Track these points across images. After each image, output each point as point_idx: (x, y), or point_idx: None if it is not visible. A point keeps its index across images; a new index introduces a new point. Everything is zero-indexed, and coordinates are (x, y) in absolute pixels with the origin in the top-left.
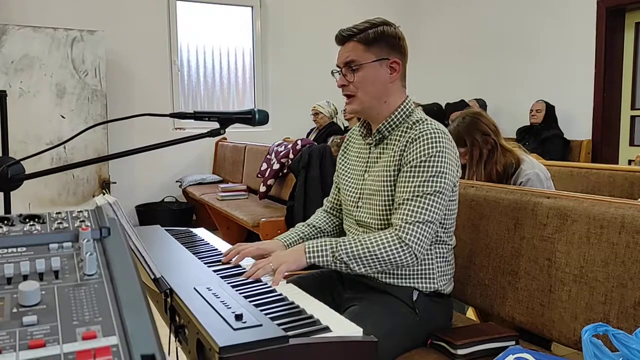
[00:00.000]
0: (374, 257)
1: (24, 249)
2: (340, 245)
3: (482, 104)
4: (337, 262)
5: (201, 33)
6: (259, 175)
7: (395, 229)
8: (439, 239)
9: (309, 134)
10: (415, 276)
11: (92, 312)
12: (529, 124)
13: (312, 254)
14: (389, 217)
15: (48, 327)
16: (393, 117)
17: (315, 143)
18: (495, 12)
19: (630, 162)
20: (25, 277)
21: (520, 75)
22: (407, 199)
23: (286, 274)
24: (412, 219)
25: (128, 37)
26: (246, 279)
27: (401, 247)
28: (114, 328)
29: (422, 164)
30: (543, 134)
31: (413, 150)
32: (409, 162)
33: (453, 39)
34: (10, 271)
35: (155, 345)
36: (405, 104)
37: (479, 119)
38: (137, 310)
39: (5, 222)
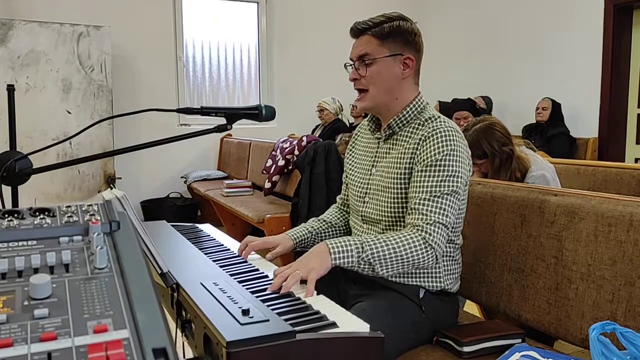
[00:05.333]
0: (399, 258)
1: (35, 242)
2: (366, 246)
3: (488, 101)
4: (362, 262)
5: (207, 29)
6: (264, 171)
7: (418, 230)
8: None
9: (314, 130)
10: (422, 275)
11: (103, 306)
12: (534, 121)
13: (337, 255)
14: (396, 213)
15: (59, 320)
16: (405, 112)
17: (321, 139)
18: (501, 9)
19: (637, 160)
20: (36, 270)
21: (526, 72)
22: (425, 199)
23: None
24: (433, 219)
25: (134, 32)
26: (253, 275)
27: (426, 248)
28: (125, 322)
29: (437, 163)
30: (549, 132)
31: (427, 149)
32: (423, 160)
33: (459, 36)
34: (21, 264)
35: (167, 339)
36: (417, 100)
37: (494, 128)
38: (147, 304)
39: (16, 215)
